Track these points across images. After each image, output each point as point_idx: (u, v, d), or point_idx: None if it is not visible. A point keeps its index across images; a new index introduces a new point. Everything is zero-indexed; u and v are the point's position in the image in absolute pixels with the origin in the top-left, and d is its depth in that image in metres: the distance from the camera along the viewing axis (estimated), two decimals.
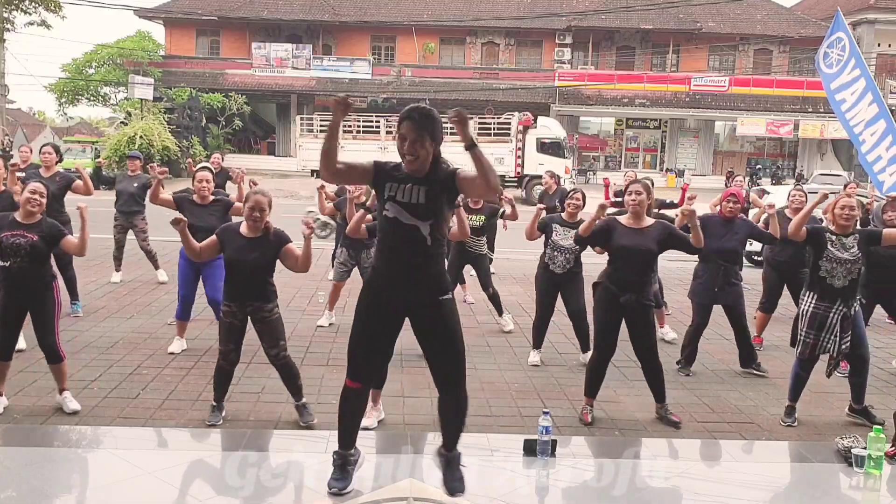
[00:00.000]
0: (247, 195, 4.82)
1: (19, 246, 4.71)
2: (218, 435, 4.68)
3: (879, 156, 7.07)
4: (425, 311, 3.57)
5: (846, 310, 5.09)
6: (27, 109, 68.23)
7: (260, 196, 4.71)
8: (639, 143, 37.02)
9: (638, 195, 5.05)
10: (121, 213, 9.14)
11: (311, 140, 26.52)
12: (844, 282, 5.06)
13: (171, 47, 37.06)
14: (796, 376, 5.30)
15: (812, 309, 5.15)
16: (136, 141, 26.80)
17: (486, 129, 25.88)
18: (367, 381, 3.74)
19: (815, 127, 33.08)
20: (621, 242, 5.02)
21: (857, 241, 5.09)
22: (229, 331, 4.75)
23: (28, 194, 4.82)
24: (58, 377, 5.01)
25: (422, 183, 3.47)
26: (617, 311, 5.05)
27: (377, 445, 4.57)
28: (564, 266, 6.30)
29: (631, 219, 5.11)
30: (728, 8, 35.43)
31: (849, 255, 5.05)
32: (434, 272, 3.55)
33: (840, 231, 5.13)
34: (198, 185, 6.34)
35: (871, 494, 4.30)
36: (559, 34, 35.81)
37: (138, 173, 9.21)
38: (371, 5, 36.98)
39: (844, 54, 7.53)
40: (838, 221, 5.15)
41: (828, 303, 5.09)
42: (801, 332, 5.21)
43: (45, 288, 4.88)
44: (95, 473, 4.13)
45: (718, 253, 6.19)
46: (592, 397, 5.25)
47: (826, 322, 5.08)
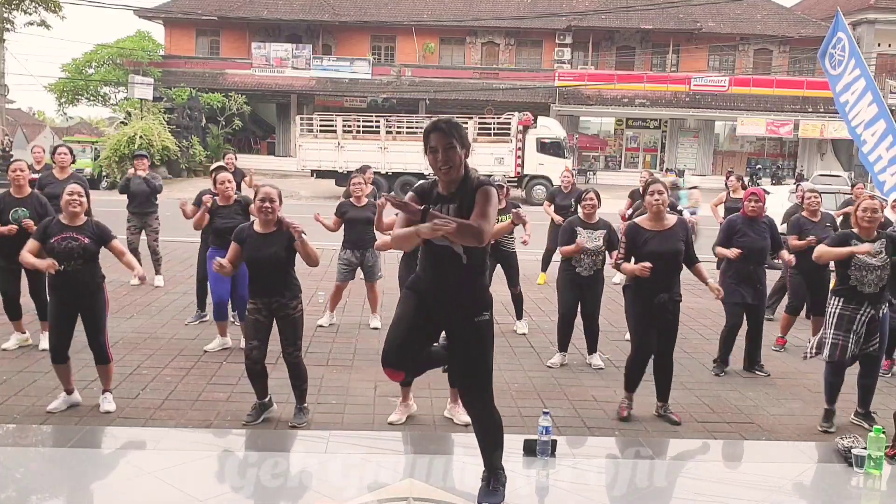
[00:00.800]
0: (255, 190, 4.87)
1: (72, 249, 4.75)
2: (218, 435, 4.68)
3: (880, 156, 7.07)
4: (460, 329, 3.54)
5: (874, 312, 5.05)
6: (27, 109, 68.24)
7: (269, 188, 4.77)
8: (639, 143, 37.01)
9: (660, 195, 5.03)
10: (134, 215, 9.17)
11: (310, 140, 26.52)
12: (875, 288, 5.01)
13: (171, 47, 37.06)
14: (828, 382, 5.19)
15: (839, 310, 5.08)
16: (135, 141, 26.78)
17: (486, 129, 25.87)
18: (400, 368, 3.62)
19: (815, 127, 33.07)
20: (650, 248, 5.00)
21: (883, 245, 5.00)
22: (255, 328, 4.78)
23: (67, 196, 4.86)
24: (103, 378, 5.06)
25: (451, 201, 3.42)
26: (651, 310, 5.05)
27: (377, 445, 4.57)
28: (591, 268, 6.29)
29: (653, 220, 5.09)
30: (728, 8, 35.43)
31: (878, 261, 4.97)
32: (472, 289, 3.51)
33: (865, 235, 5.05)
34: (220, 186, 6.47)
35: (871, 494, 4.30)
36: (559, 34, 35.81)
37: (148, 172, 9.23)
38: (371, 5, 36.98)
39: (845, 54, 7.53)
40: (861, 224, 5.06)
41: (855, 305, 5.04)
42: (828, 336, 5.12)
43: (96, 289, 4.92)
44: (95, 473, 4.13)
45: (750, 252, 6.17)
46: (633, 391, 5.27)
47: (854, 323, 5.02)
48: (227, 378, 5.78)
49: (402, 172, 24.95)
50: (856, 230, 5.14)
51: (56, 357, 4.89)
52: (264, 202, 4.69)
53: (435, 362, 3.75)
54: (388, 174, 24.82)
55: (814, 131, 33.28)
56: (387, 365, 3.54)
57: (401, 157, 24.95)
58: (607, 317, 7.62)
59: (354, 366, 6.21)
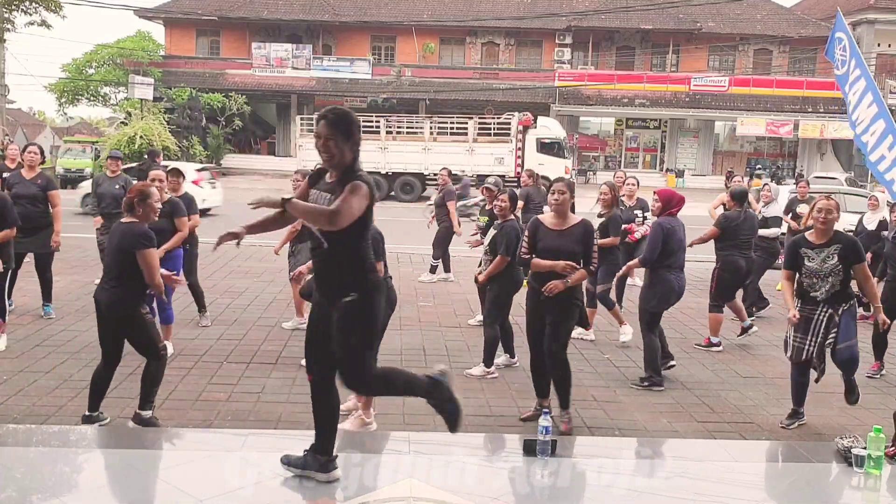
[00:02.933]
0: None
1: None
2: (218, 435, 4.67)
3: (883, 156, 7.04)
4: (330, 309, 3.65)
5: (832, 311, 5.01)
6: (27, 109, 68.32)
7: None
8: (639, 143, 37.02)
9: (561, 194, 5.02)
10: (105, 216, 8.71)
11: (311, 140, 26.35)
12: (826, 295, 4.97)
13: (171, 47, 37.07)
14: (794, 381, 5.25)
15: (797, 311, 5.09)
16: (136, 141, 26.79)
17: (486, 129, 25.86)
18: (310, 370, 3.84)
19: (814, 127, 33.07)
20: (545, 245, 4.97)
21: (838, 250, 4.95)
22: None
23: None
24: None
25: (331, 191, 3.58)
26: (541, 307, 4.97)
27: (377, 445, 4.57)
28: None
29: (555, 218, 5.06)
30: (728, 8, 35.43)
31: (827, 269, 4.95)
32: (335, 273, 3.62)
33: (817, 238, 5.03)
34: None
35: (871, 494, 4.30)
36: (559, 34, 35.82)
37: (119, 174, 9.02)
38: (371, 5, 36.98)
39: (846, 54, 7.51)
40: (816, 226, 5.05)
41: (812, 306, 5.04)
42: (789, 336, 5.17)
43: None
44: (95, 473, 4.13)
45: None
46: (541, 397, 5.22)
47: (811, 324, 5.03)
48: (227, 378, 5.78)
49: (402, 172, 24.94)
50: (809, 233, 5.12)
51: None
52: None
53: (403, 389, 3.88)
54: (388, 174, 24.81)
55: (814, 131, 33.29)
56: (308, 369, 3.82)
57: (401, 157, 24.93)
58: (607, 317, 7.60)
59: None
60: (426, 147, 25.30)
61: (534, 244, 5.06)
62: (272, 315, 7.88)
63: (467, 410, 3.91)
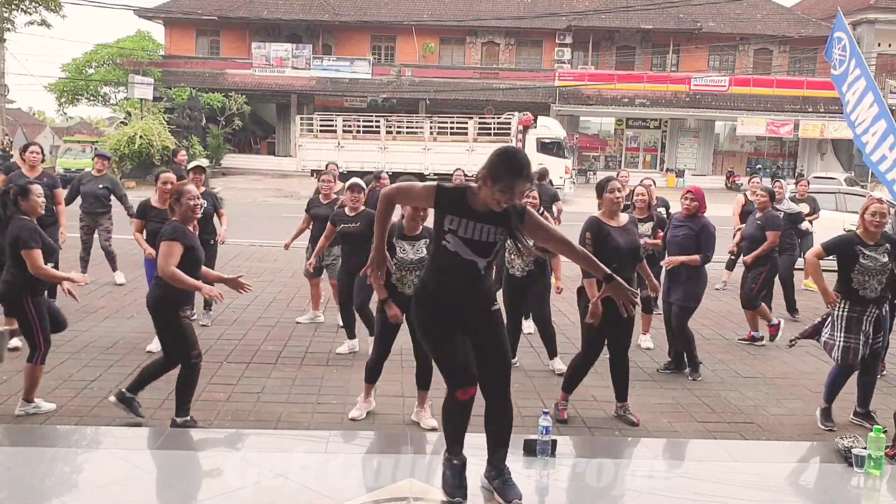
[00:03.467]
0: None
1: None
2: (218, 435, 4.68)
3: (884, 156, 7.04)
4: (479, 320, 3.64)
5: (879, 311, 5.14)
6: (27, 109, 68.34)
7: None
8: (639, 143, 37.01)
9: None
10: (87, 214, 9.00)
11: (311, 140, 26.49)
12: (876, 293, 5.10)
13: (171, 47, 37.04)
14: (835, 382, 5.24)
15: (847, 313, 5.13)
16: (135, 141, 26.79)
17: (487, 128, 25.86)
18: (475, 380, 3.67)
19: (815, 127, 33.05)
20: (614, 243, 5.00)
21: (887, 250, 5.11)
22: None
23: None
24: None
25: (490, 222, 3.47)
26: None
27: (377, 445, 4.57)
28: (523, 269, 6.19)
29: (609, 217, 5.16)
30: (728, 8, 35.41)
31: (879, 266, 5.08)
32: (486, 288, 3.66)
33: (869, 239, 5.14)
34: (162, 186, 6.53)
35: (871, 494, 4.30)
36: (559, 34, 35.80)
37: (104, 173, 9.07)
38: (371, 5, 36.96)
39: (845, 54, 7.51)
40: (868, 228, 5.14)
41: (861, 307, 5.11)
42: (837, 338, 5.15)
43: None
44: (95, 473, 4.12)
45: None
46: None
47: (862, 325, 5.09)
48: (227, 378, 5.78)
49: (403, 172, 24.90)
50: (859, 231, 5.21)
51: None
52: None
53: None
54: (388, 174, 24.77)
55: (814, 131, 33.27)
56: (465, 384, 3.60)
57: (401, 157, 24.92)
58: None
59: (355, 366, 6.20)
60: (426, 147, 25.31)
61: (599, 244, 4.95)
62: (272, 315, 7.88)
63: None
